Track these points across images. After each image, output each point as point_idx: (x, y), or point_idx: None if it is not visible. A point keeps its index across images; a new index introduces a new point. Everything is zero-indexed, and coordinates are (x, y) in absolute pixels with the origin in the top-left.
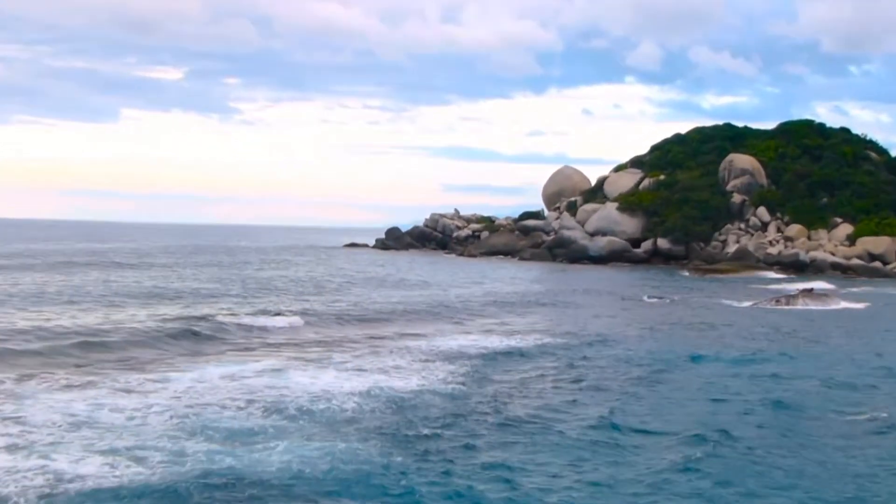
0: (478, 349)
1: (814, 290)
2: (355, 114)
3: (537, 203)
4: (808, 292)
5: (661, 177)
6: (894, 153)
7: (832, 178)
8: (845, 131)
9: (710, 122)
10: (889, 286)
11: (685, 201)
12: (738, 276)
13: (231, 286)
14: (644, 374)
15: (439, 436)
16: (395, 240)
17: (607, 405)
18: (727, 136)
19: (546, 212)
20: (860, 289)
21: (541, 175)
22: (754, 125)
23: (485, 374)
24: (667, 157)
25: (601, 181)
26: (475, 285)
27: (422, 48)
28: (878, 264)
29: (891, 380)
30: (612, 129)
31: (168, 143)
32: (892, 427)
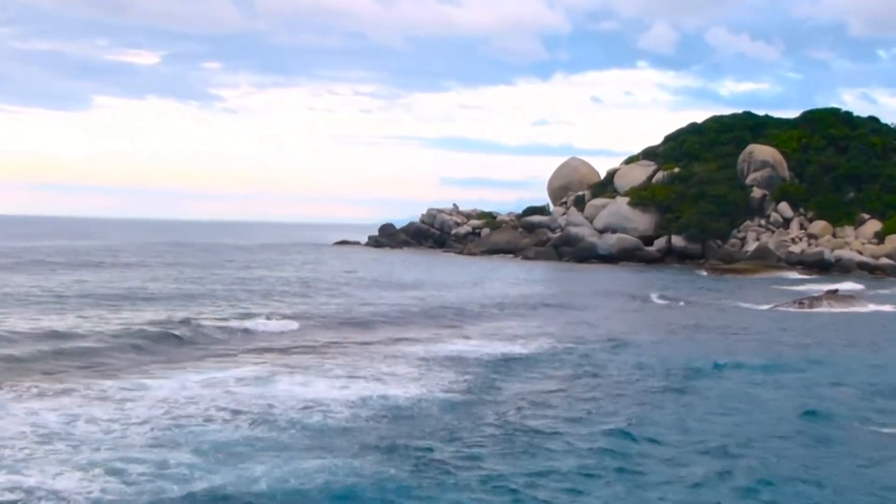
0: (479, 355)
1: (839, 291)
2: (345, 101)
3: (542, 198)
4: (832, 294)
5: (676, 169)
6: None
7: (859, 170)
8: (874, 120)
9: (728, 111)
10: None
11: (701, 196)
12: (758, 277)
13: (213, 287)
14: (660, 382)
15: (438, 449)
16: (388, 237)
17: (622, 416)
18: (747, 126)
19: (551, 207)
20: (890, 290)
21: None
22: (776, 114)
23: (487, 383)
24: (682, 148)
25: (611, 174)
26: (475, 286)
27: (417, 30)
28: None
29: None
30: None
31: (144, 132)
32: None
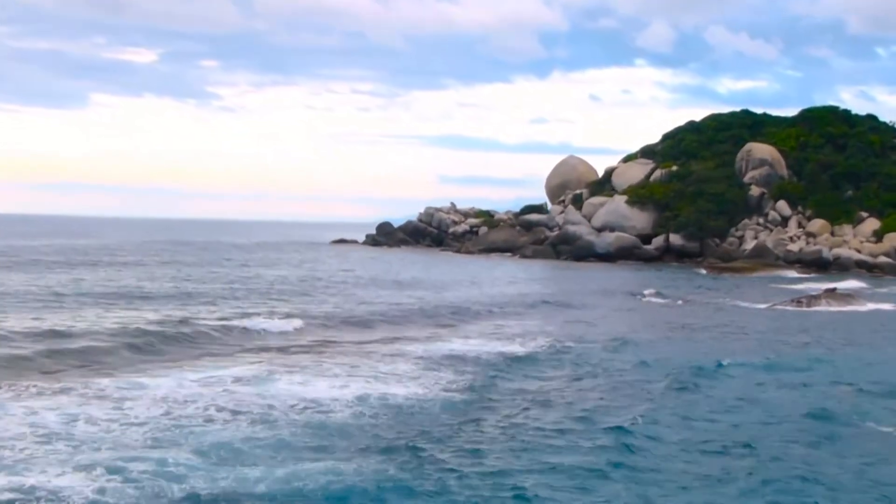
0: (477, 354)
1: (837, 290)
2: (343, 99)
3: (540, 196)
4: (831, 292)
5: (674, 168)
6: None
7: (858, 168)
8: (872, 118)
9: (726, 109)
10: None
11: (699, 194)
12: (756, 275)
13: (210, 286)
14: (660, 381)
15: (439, 448)
16: (386, 236)
17: (623, 415)
18: (745, 124)
19: (549, 205)
20: (888, 289)
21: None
22: (774, 112)
23: (486, 381)
24: (680, 146)
25: (609, 172)
26: (473, 285)
27: (416, 29)
28: None
29: None
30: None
31: (142, 131)
32: None
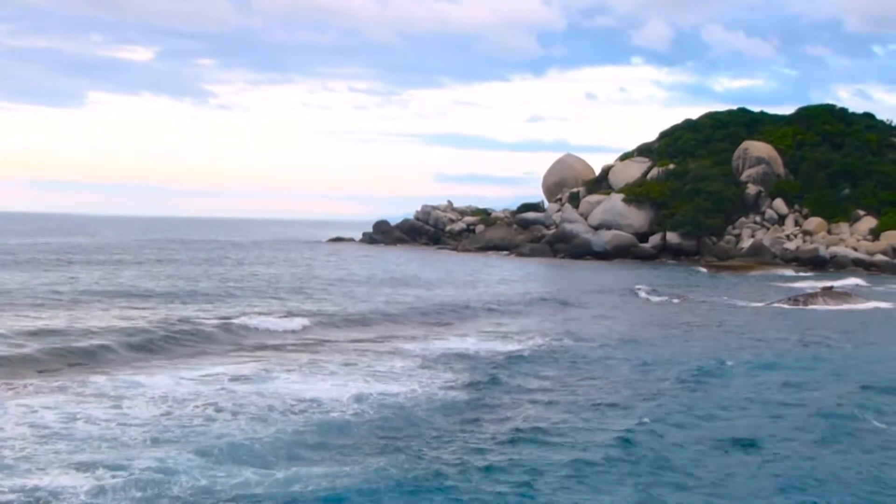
0: (476, 352)
1: (834, 288)
2: (340, 98)
3: (537, 194)
4: (827, 291)
5: (671, 166)
6: None
7: (855, 167)
8: (869, 117)
9: (723, 107)
10: None
11: (696, 192)
12: (753, 274)
13: (207, 284)
14: (660, 380)
15: (438, 446)
16: (383, 234)
17: (628, 414)
18: (742, 122)
19: (546, 204)
20: (885, 287)
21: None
22: (771, 110)
23: (485, 379)
24: (676, 144)
25: (606, 170)
26: (470, 283)
27: (413, 27)
28: None
29: None
30: (618, 114)
31: (138, 128)
32: None
